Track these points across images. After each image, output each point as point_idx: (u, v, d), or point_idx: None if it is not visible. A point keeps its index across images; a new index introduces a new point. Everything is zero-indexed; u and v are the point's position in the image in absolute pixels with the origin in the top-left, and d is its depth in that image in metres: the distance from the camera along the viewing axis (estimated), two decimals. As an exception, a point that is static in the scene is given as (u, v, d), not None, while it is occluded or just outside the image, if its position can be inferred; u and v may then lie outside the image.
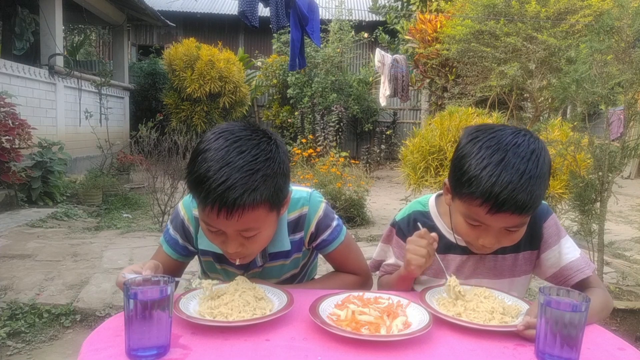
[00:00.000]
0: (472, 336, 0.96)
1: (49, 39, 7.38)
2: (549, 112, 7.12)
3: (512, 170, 1.01)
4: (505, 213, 1.03)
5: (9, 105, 5.14)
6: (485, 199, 1.03)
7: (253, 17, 5.00)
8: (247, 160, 0.99)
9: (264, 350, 0.89)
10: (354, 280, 1.33)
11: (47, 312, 2.75)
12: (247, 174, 0.98)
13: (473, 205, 1.06)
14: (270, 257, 1.27)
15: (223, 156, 0.98)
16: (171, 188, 5.10)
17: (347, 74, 11.30)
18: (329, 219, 1.29)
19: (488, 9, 6.56)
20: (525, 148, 1.04)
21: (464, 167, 1.07)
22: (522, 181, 1.01)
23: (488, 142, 1.06)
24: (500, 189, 1.01)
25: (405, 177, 5.21)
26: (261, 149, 1.02)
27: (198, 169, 0.99)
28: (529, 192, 1.01)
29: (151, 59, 11.42)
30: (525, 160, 1.03)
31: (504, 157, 1.03)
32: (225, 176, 0.96)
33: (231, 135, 1.02)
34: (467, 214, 1.11)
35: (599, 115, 4.07)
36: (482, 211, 1.05)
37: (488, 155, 1.04)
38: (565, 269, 1.24)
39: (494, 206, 1.02)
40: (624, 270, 3.56)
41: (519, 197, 1.01)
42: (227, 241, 1.08)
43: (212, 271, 1.35)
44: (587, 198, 2.69)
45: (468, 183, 1.05)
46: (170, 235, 1.29)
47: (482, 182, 1.02)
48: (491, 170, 1.02)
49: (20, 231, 4.37)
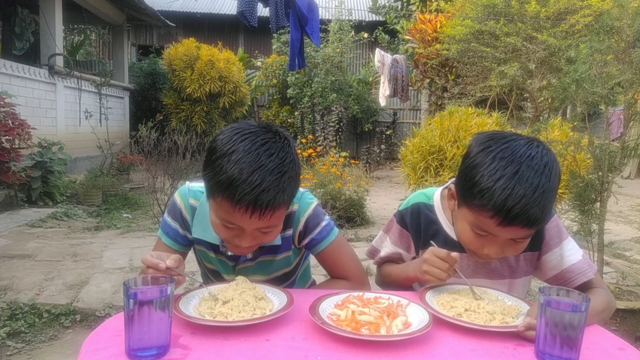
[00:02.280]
0: (472, 336, 0.96)
1: (48, 39, 7.38)
2: (549, 112, 7.12)
3: (526, 184, 0.99)
4: (517, 226, 1.02)
5: (9, 105, 5.13)
6: (497, 212, 1.01)
7: (252, 17, 5.00)
8: (276, 164, 1.03)
9: (264, 350, 0.89)
10: (345, 286, 1.28)
11: (47, 312, 2.75)
12: (277, 176, 1.02)
13: (483, 217, 1.05)
14: (259, 250, 1.27)
15: (255, 159, 1.01)
16: (171, 188, 5.10)
17: (347, 74, 11.30)
18: (318, 218, 1.29)
19: (488, 9, 6.57)
20: (539, 161, 1.02)
21: (475, 177, 1.05)
22: (535, 195, 0.99)
23: (501, 153, 1.04)
24: (514, 203, 0.99)
25: (405, 177, 5.21)
26: (285, 151, 1.06)
27: (227, 170, 1.01)
28: (541, 206, 1.00)
29: (151, 59, 11.40)
30: (539, 174, 1.01)
31: (518, 169, 1.01)
32: (259, 179, 1.00)
33: (257, 138, 1.05)
34: (475, 223, 1.09)
35: (599, 115, 4.08)
36: (493, 223, 1.04)
37: (502, 167, 1.02)
38: (566, 271, 1.23)
39: (506, 219, 1.01)
40: (624, 270, 3.56)
41: (531, 212, 1.00)
42: (243, 236, 1.10)
43: (207, 261, 1.35)
44: (587, 198, 2.69)
45: (480, 194, 1.03)
46: (169, 227, 1.29)
47: (495, 194, 1.00)
48: (505, 183, 1.00)
49: (20, 231, 4.36)
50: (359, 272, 1.34)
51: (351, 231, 4.81)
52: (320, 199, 4.90)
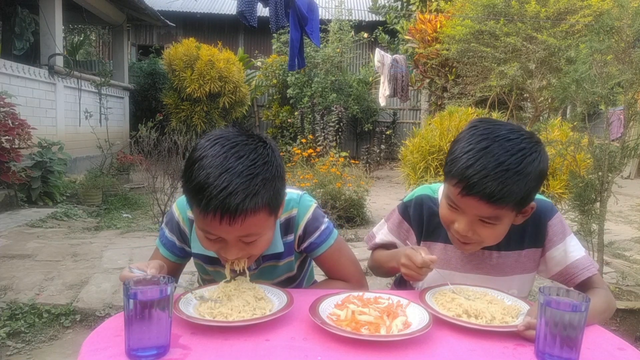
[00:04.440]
0: (472, 336, 0.96)
1: (48, 39, 7.38)
2: (548, 112, 7.13)
3: (490, 159, 1.05)
4: (474, 197, 1.06)
5: (9, 105, 5.13)
6: (459, 180, 1.08)
7: (252, 17, 5.00)
8: (246, 165, 0.98)
9: (264, 350, 0.88)
10: (343, 287, 1.28)
11: (47, 312, 2.75)
12: (247, 178, 0.97)
13: (451, 185, 1.12)
14: (263, 259, 1.26)
15: (222, 162, 0.97)
16: (171, 188, 5.10)
17: (346, 74, 11.29)
18: (318, 222, 1.27)
19: (488, 9, 6.57)
20: (515, 145, 1.07)
21: (452, 149, 1.14)
22: (496, 170, 1.04)
23: (481, 131, 1.11)
24: (473, 173, 1.05)
25: (405, 177, 5.22)
26: (258, 153, 1.01)
27: (196, 177, 0.97)
28: (500, 182, 1.04)
29: (151, 59, 11.40)
30: (509, 155, 1.05)
31: (489, 146, 1.07)
32: (226, 182, 0.95)
33: (227, 142, 1.01)
34: (446, 194, 1.16)
35: (599, 115, 4.08)
36: (456, 191, 1.10)
37: (475, 141, 1.09)
38: (570, 267, 1.24)
39: (465, 188, 1.07)
40: (624, 270, 3.56)
41: (488, 184, 1.04)
42: (227, 248, 1.06)
43: (204, 273, 1.34)
44: (587, 198, 2.69)
45: (450, 163, 1.12)
46: (167, 238, 1.27)
47: (460, 162, 1.08)
48: (472, 155, 1.07)
49: (20, 231, 4.36)
50: (357, 275, 1.33)
51: (351, 231, 4.81)
52: (320, 199, 4.90)
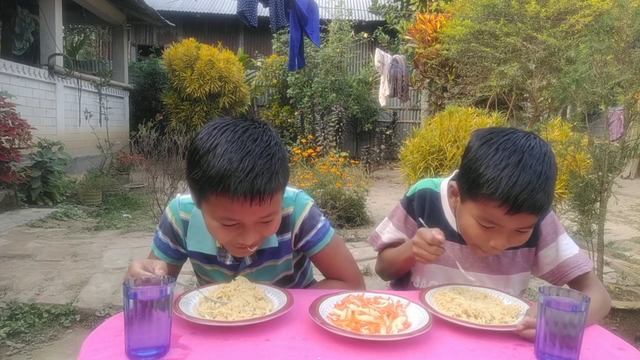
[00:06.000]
0: (472, 336, 0.96)
1: (48, 39, 7.38)
2: (548, 112, 7.13)
3: (530, 171, 1.03)
4: (524, 213, 1.05)
5: (9, 105, 5.13)
6: (504, 201, 1.04)
7: (252, 17, 5.00)
8: (262, 147, 1.00)
9: (264, 350, 0.88)
10: (340, 286, 1.28)
11: (47, 312, 2.75)
12: (266, 159, 1.00)
13: (490, 207, 1.07)
14: (259, 256, 1.25)
15: (240, 146, 0.99)
16: (171, 188, 5.10)
17: (346, 74, 11.29)
18: (314, 220, 1.27)
19: (488, 9, 6.57)
20: (539, 150, 1.07)
21: (479, 169, 1.08)
22: (540, 181, 1.03)
23: (503, 145, 1.08)
24: (521, 190, 1.02)
25: (405, 177, 5.22)
26: (268, 135, 1.04)
27: (215, 165, 0.97)
28: (545, 192, 1.04)
29: (151, 59, 11.40)
30: (541, 162, 1.05)
31: (521, 158, 1.05)
32: (250, 164, 0.97)
33: (237, 127, 1.02)
34: (481, 216, 1.11)
35: (599, 115, 4.07)
36: (501, 212, 1.06)
37: (505, 157, 1.06)
38: (562, 265, 1.25)
39: (514, 207, 1.04)
40: (624, 270, 3.56)
41: (537, 197, 1.03)
42: (245, 233, 1.06)
43: (202, 273, 1.34)
44: (587, 198, 2.69)
45: (487, 185, 1.06)
46: (160, 241, 1.28)
47: (502, 183, 1.03)
48: (510, 172, 1.04)
49: (20, 231, 4.36)
50: (354, 274, 1.33)
51: (351, 231, 4.81)
52: (320, 199, 4.90)
